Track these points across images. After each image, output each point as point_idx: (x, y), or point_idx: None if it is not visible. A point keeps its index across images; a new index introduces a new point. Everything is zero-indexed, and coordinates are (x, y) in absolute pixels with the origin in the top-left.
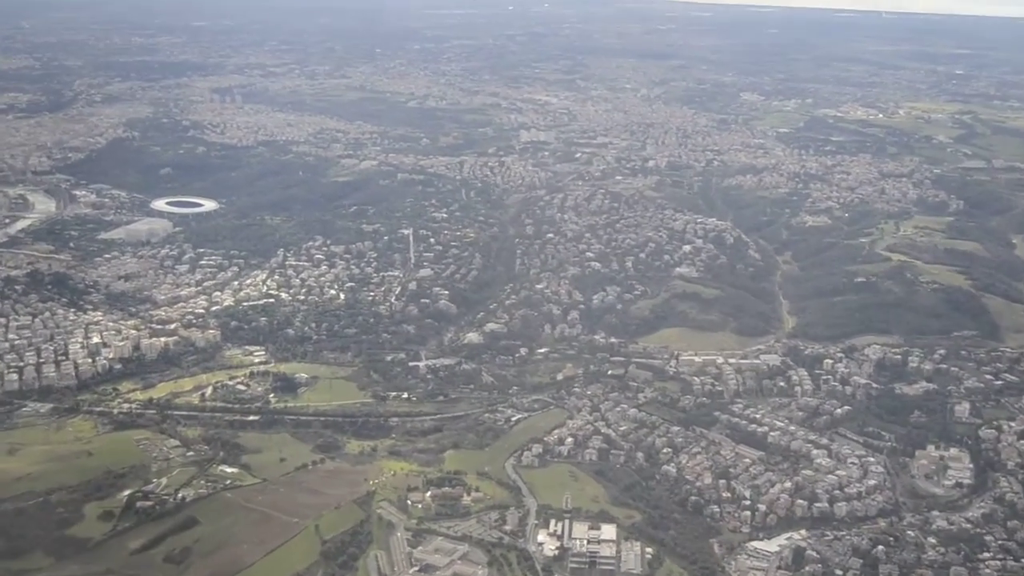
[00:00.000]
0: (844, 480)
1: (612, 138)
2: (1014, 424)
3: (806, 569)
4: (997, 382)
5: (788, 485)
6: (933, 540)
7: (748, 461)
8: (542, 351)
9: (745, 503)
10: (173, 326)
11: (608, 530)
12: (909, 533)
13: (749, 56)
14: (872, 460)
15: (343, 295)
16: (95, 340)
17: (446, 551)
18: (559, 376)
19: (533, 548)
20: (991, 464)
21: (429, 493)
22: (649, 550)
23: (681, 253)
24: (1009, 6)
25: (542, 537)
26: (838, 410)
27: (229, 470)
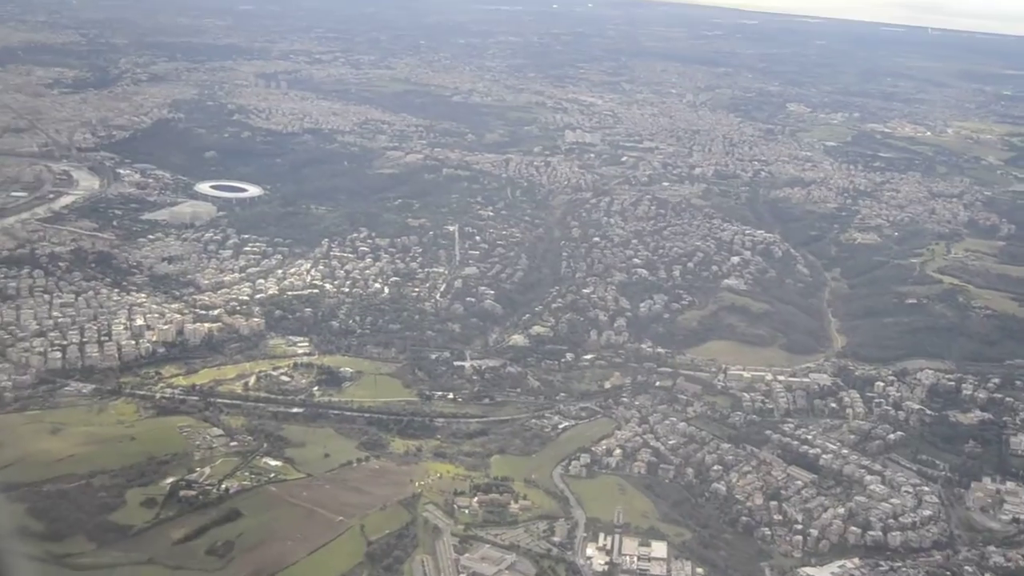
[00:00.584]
0: (898, 509)
1: (658, 143)
2: None
3: None
4: None
5: (841, 511)
6: None
7: (800, 483)
8: (588, 357)
9: (797, 527)
10: (217, 312)
11: (659, 547)
12: (967, 568)
13: (796, 66)
14: (926, 489)
15: (387, 289)
16: (139, 322)
17: (494, 560)
18: (606, 384)
19: (582, 562)
20: None
21: (476, 499)
22: (700, 570)
23: (729, 265)
24: None
25: (591, 551)
26: (891, 435)
27: (273, 463)
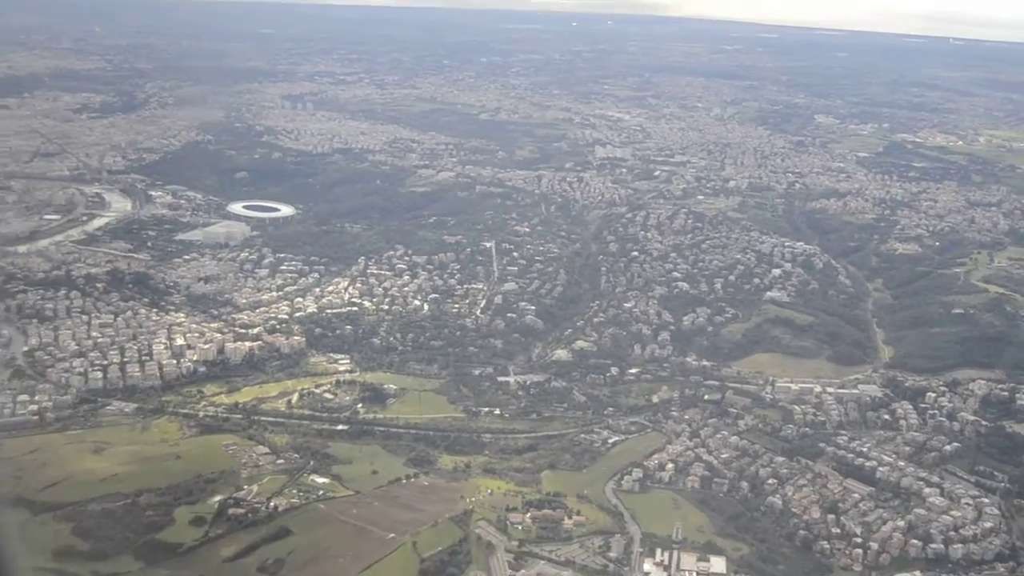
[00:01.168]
0: (959, 521)
1: (689, 157)
2: None
3: None
4: None
5: (901, 524)
6: None
7: (857, 496)
8: (633, 371)
9: (856, 540)
10: (256, 330)
11: (717, 563)
12: None
13: (820, 78)
14: (986, 501)
15: (427, 306)
16: (179, 342)
17: None
18: (654, 399)
19: None
20: None
21: (529, 514)
22: None
23: (771, 277)
24: None
25: (648, 567)
26: (947, 447)
27: (320, 480)
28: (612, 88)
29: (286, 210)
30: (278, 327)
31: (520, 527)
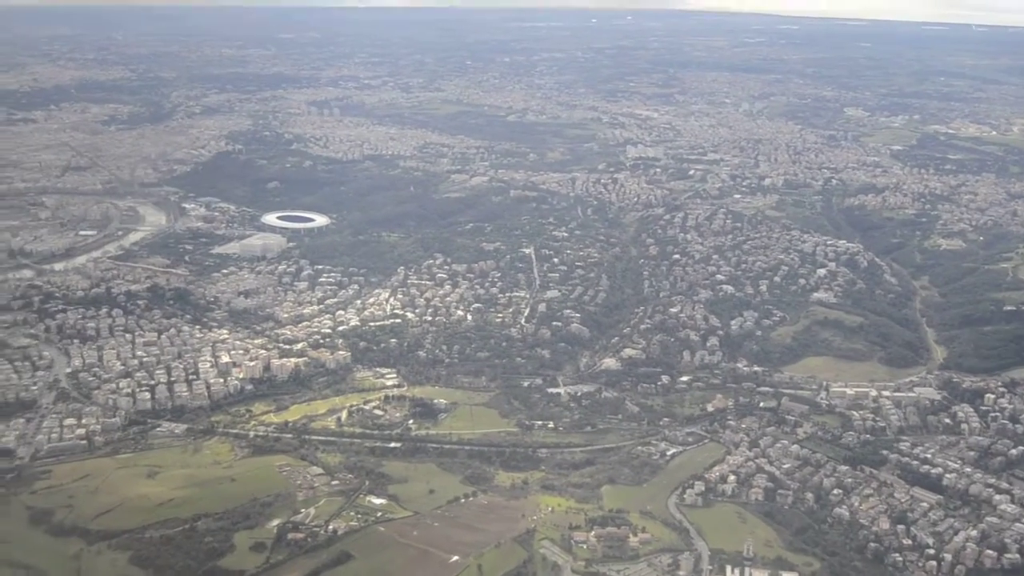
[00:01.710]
0: None
1: (722, 154)
2: None
3: None
4: None
5: (973, 533)
6: None
7: (925, 505)
8: (684, 379)
9: (929, 552)
10: (300, 346)
11: None
12: None
13: (845, 70)
14: None
15: (470, 316)
16: (224, 359)
17: None
18: (709, 407)
19: None
20: None
21: (593, 533)
22: None
23: (816, 277)
24: None
25: None
26: (1012, 451)
27: (377, 501)
28: (637, 85)
29: (320, 220)
30: (322, 342)
31: (585, 546)
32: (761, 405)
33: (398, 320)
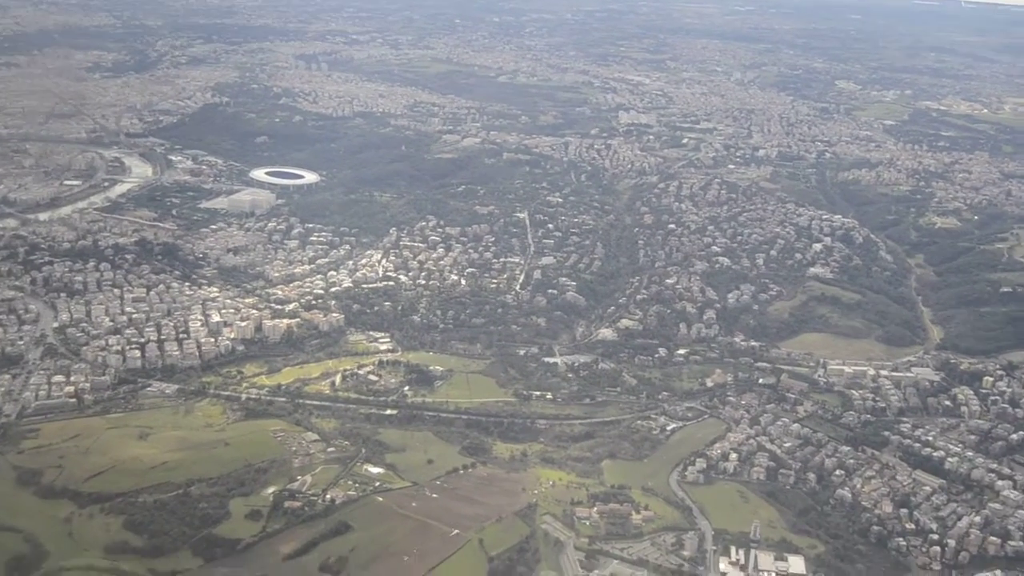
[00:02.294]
0: None
1: (715, 123)
2: None
3: None
4: None
5: (977, 519)
6: None
7: (928, 489)
8: (682, 352)
9: (933, 537)
10: (292, 306)
11: (796, 562)
12: None
13: (835, 42)
14: None
15: (464, 281)
16: (215, 319)
17: None
18: (708, 382)
19: None
20: None
21: (595, 509)
22: None
23: (812, 252)
24: None
25: (724, 566)
26: (1013, 435)
27: (375, 470)
28: (628, 50)
29: (310, 177)
30: (314, 303)
31: (587, 522)
32: (760, 381)
33: (391, 283)
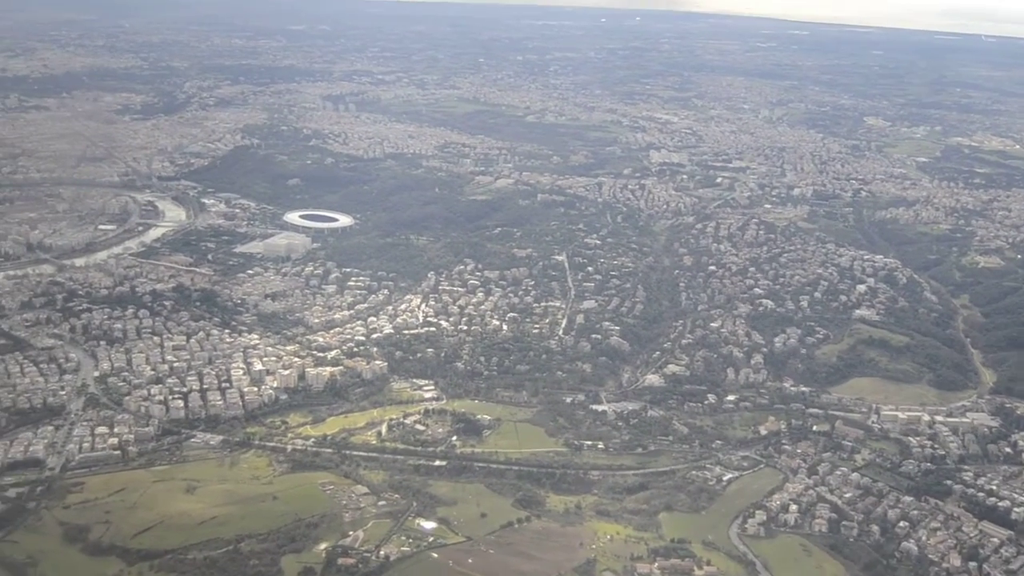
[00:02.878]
0: None
1: (747, 162)
2: None
3: None
4: None
5: None
6: None
7: (996, 541)
8: (731, 399)
9: None
10: (334, 354)
11: None
12: None
13: (860, 78)
14: None
15: (506, 326)
16: (257, 367)
17: None
18: (762, 430)
19: None
20: None
21: (656, 564)
22: None
23: (857, 294)
24: None
25: None
26: None
27: (427, 525)
28: (653, 88)
29: (344, 220)
30: (357, 350)
31: None
32: (815, 429)
33: (432, 329)
